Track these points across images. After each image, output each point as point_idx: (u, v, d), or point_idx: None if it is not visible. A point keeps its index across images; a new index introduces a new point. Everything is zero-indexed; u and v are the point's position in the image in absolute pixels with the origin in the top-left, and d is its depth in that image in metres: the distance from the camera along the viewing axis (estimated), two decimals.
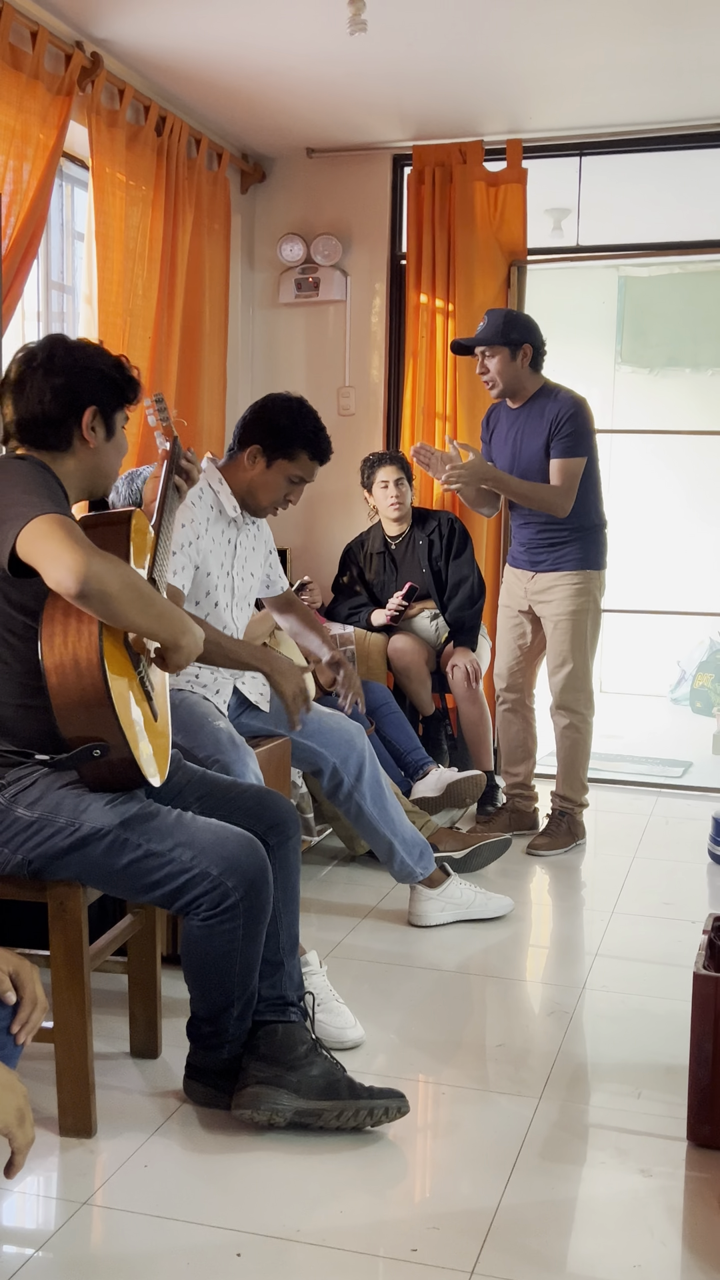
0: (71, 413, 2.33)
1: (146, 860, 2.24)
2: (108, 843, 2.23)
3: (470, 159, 5.06)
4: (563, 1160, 2.33)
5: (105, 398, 2.37)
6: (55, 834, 2.24)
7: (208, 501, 3.14)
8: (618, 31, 3.95)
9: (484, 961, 3.33)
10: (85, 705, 2.18)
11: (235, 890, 2.26)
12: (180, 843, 2.26)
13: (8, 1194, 2.19)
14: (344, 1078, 2.39)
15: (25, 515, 2.10)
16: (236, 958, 2.33)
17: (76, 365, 2.34)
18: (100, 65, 4.01)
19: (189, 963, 2.38)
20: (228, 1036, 2.41)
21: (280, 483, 3.18)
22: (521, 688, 4.46)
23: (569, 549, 4.23)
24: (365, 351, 5.45)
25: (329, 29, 3.87)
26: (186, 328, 4.80)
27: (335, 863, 4.16)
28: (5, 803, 2.26)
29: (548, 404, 4.18)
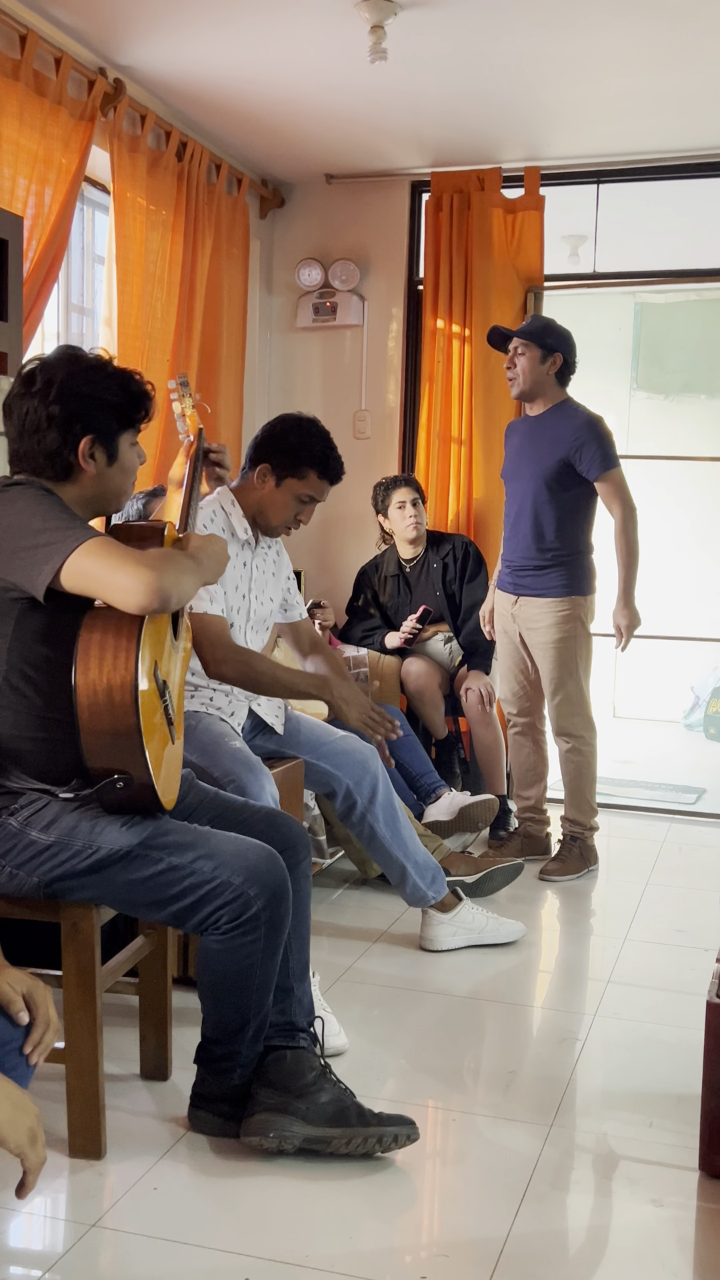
0: (68, 443, 2.26)
1: (167, 874, 2.23)
2: (127, 861, 2.22)
3: (488, 186, 5.09)
4: (574, 1189, 2.31)
5: (105, 425, 2.28)
6: (72, 857, 2.23)
7: (219, 524, 3.15)
8: (635, 61, 3.98)
9: (495, 987, 3.32)
10: (115, 736, 2.17)
11: (257, 899, 2.25)
12: (201, 855, 2.25)
13: (16, 1215, 2.18)
14: (353, 1104, 2.38)
15: (64, 543, 2.09)
16: (255, 973, 2.32)
17: (75, 393, 2.25)
18: (123, 91, 4.05)
19: (205, 980, 2.36)
20: (240, 1060, 2.39)
21: (289, 502, 3.18)
22: (530, 711, 4.45)
23: (554, 574, 4.23)
24: (381, 376, 5.48)
25: (349, 57, 3.91)
26: (205, 351, 4.83)
27: (347, 886, 4.15)
28: (19, 826, 2.25)
29: (565, 423, 4.19)
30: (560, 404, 4.26)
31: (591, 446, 4.13)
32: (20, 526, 2.15)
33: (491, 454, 5.19)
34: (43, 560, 2.10)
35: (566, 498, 4.19)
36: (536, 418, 4.27)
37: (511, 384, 4.26)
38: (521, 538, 4.26)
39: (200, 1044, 2.45)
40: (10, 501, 2.19)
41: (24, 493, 2.21)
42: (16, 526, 2.15)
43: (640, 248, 5.70)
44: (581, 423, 4.17)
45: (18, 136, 3.55)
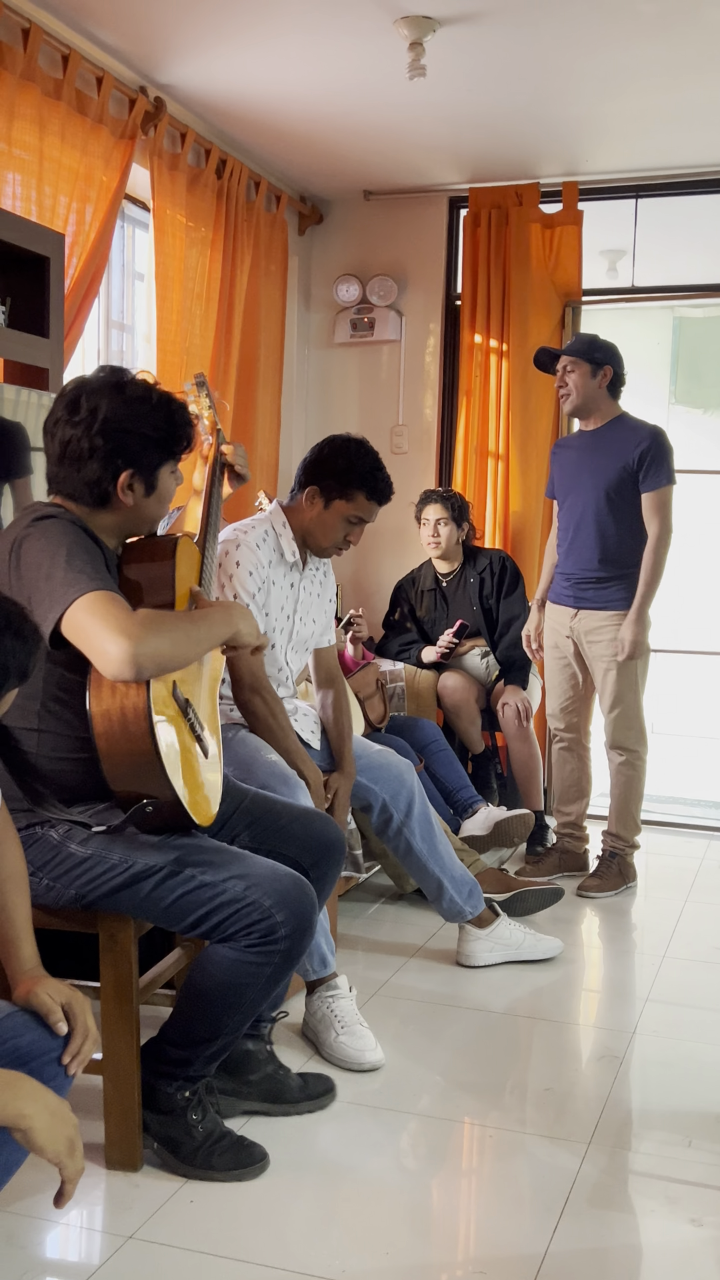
0: (108, 475, 2.26)
1: (199, 891, 2.23)
2: (160, 877, 2.23)
3: (526, 201, 5.10)
4: (611, 1208, 2.29)
5: (146, 459, 2.28)
6: (107, 871, 2.24)
7: (270, 545, 3.15)
8: (672, 75, 3.98)
9: (532, 1004, 3.30)
10: (133, 762, 2.17)
11: (284, 925, 2.24)
12: (235, 875, 2.25)
13: (53, 1226, 2.19)
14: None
15: (65, 595, 2.09)
16: (249, 993, 2.28)
17: (119, 428, 2.24)
18: (163, 110, 4.09)
19: (198, 981, 2.31)
20: (189, 1072, 2.35)
21: (338, 523, 3.18)
22: (578, 727, 4.43)
23: (616, 587, 4.21)
24: (419, 391, 5.49)
25: (388, 74, 3.93)
26: (243, 367, 4.86)
27: (383, 900, 4.14)
28: (58, 839, 2.27)
29: (628, 434, 4.19)
30: (619, 418, 4.26)
31: (657, 457, 4.15)
32: (37, 567, 2.15)
33: (529, 469, 5.19)
34: (48, 609, 2.11)
35: (629, 509, 4.18)
36: (594, 432, 4.26)
37: (564, 400, 4.25)
38: (582, 550, 4.25)
39: (152, 1041, 2.39)
40: (35, 539, 2.18)
41: (52, 527, 2.20)
42: (34, 566, 2.15)
43: (679, 262, 5.68)
44: (648, 433, 4.19)
45: (59, 155, 3.59)
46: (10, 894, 1.89)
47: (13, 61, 3.39)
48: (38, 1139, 1.51)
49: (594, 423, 4.26)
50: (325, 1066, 2.82)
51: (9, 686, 1.60)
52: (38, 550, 2.16)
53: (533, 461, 5.19)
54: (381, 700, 4.31)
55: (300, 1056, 2.87)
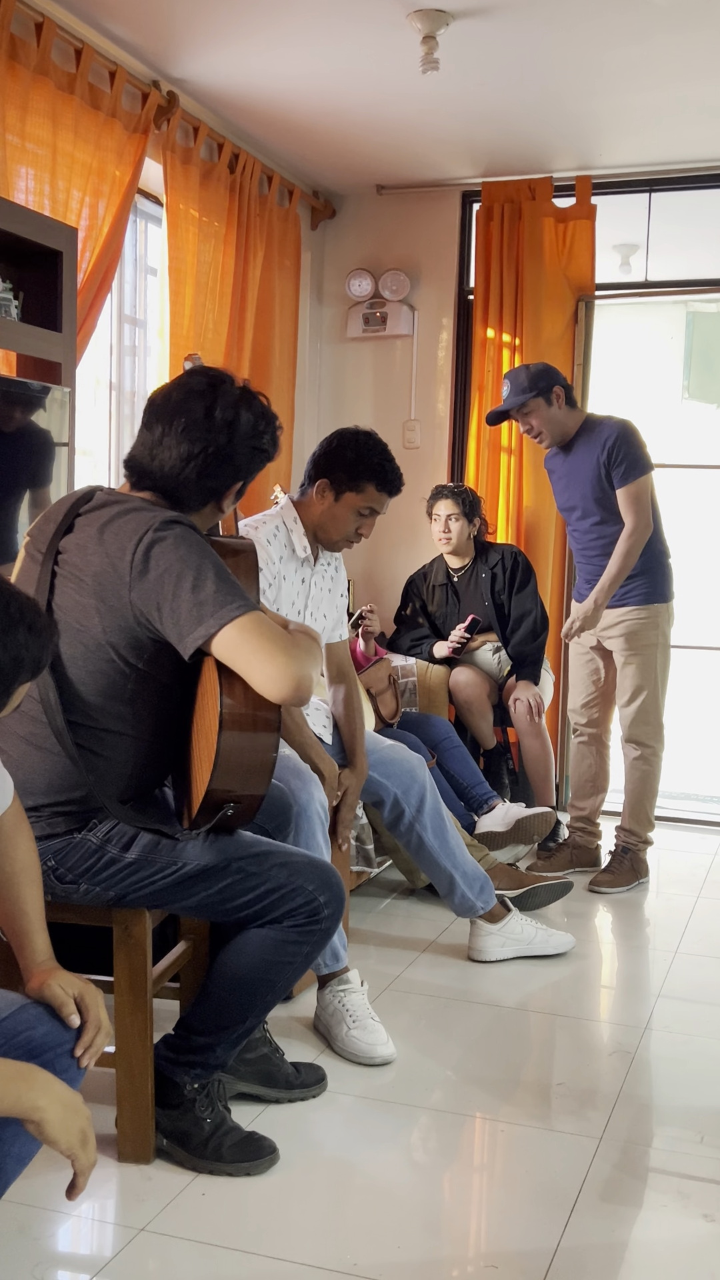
0: (226, 486, 2.30)
1: (244, 882, 2.26)
2: (211, 875, 2.25)
3: (539, 195, 5.09)
4: (623, 1202, 2.29)
5: (253, 471, 2.33)
6: (156, 873, 2.24)
7: (281, 540, 3.16)
8: (686, 69, 3.96)
9: (545, 999, 3.30)
10: (251, 767, 2.18)
11: (327, 906, 2.29)
12: (277, 863, 2.28)
13: (65, 1218, 2.19)
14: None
15: (221, 611, 2.08)
16: (285, 973, 2.32)
17: (252, 447, 2.28)
18: (176, 104, 4.09)
19: (234, 964, 2.32)
20: (212, 1059, 2.37)
21: (349, 516, 3.17)
22: (599, 722, 4.43)
23: (635, 583, 4.21)
24: (431, 386, 5.48)
25: (401, 68, 3.92)
26: (256, 361, 4.86)
27: (394, 895, 4.15)
28: (97, 843, 2.26)
29: (595, 434, 4.18)
30: (585, 421, 4.25)
31: (625, 452, 4.11)
32: (180, 577, 2.11)
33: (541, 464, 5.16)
34: (197, 622, 2.09)
35: None
36: (568, 454, 4.27)
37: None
38: (596, 556, 4.25)
39: (174, 1032, 2.41)
40: (172, 547, 2.13)
41: (184, 538, 2.15)
42: (177, 575, 2.11)
43: (692, 256, 5.66)
44: (613, 428, 4.16)
45: (72, 149, 3.59)
46: (23, 886, 1.89)
47: (26, 56, 3.39)
48: (50, 1131, 1.51)
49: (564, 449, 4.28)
50: (337, 1061, 2.82)
51: (21, 680, 1.59)
52: (178, 559, 2.12)
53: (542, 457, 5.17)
54: (393, 696, 4.30)
55: (312, 1050, 2.88)
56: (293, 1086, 2.63)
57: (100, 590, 2.16)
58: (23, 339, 3.17)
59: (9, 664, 1.56)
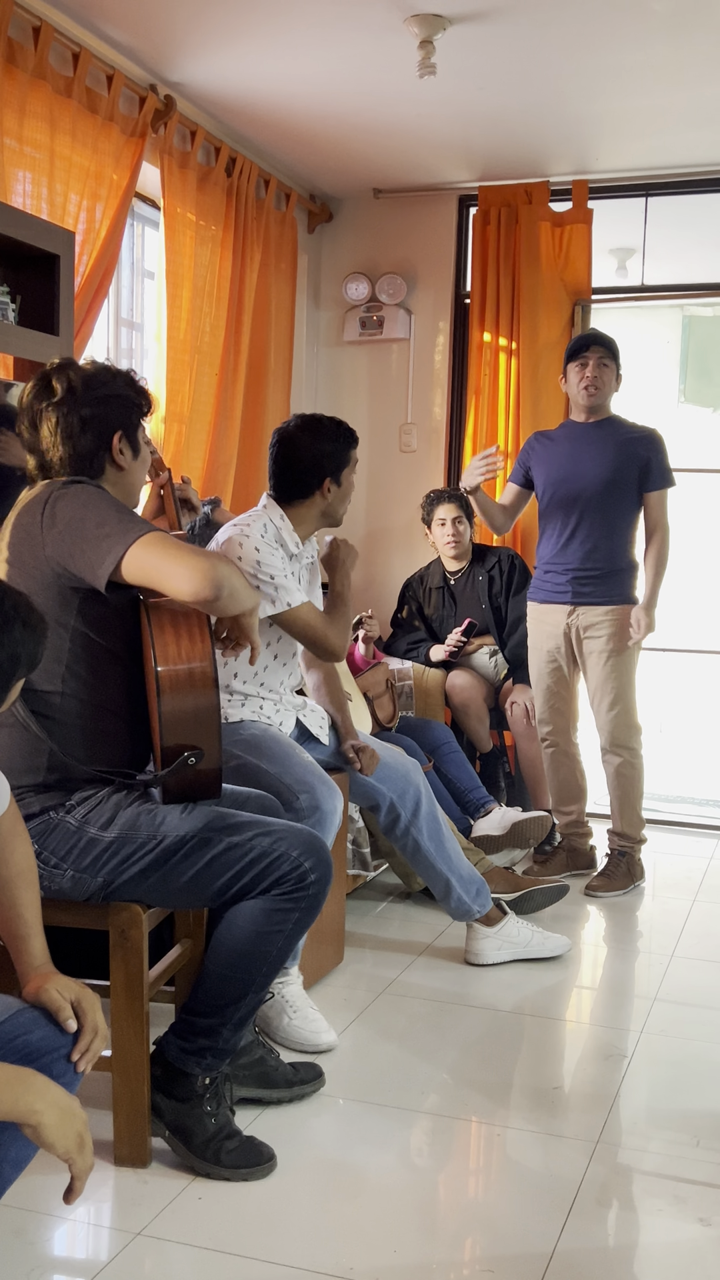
0: (102, 443, 2.38)
1: (228, 854, 2.27)
2: (191, 847, 2.26)
3: (536, 199, 5.09)
4: (619, 1207, 2.29)
5: (128, 419, 2.42)
6: (137, 850, 2.26)
7: (272, 536, 3.16)
8: (683, 73, 3.97)
9: (541, 1002, 3.30)
10: (196, 713, 2.24)
11: (313, 871, 2.30)
12: (259, 833, 2.30)
13: (61, 1222, 2.19)
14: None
15: (126, 534, 2.18)
16: (278, 941, 2.32)
17: (97, 395, 2.37)
18: (173, 108, 4.09)
19: (227, 940, 2.33)
20: (220, 1042, 2.37)
21: (350, 485, 3.27)
22: (565, 728, 4.42)
23: (615, 583, 4.22)
24: (428, 389, 5.49)
25: (398, 72, 3.93)
26: (252, 365, 4.86)
27: (391, 899, 4.15)
28: (76, 825, 2.28)
29: (629, 434, 4.22)
30: (611, 417, 4.28)
31: (661, 458, 4.20)
32: (83, 519, 2.23)
33: None
34: (105, 551, 2.18)
35: (627, 506, 4.22)
36: (586, 426, 4.26)
37: (592, 394, 4.21)
38: (583, 544, 4.23)
39: (178, 1020, 2.41)
40: (73, 496, 2.27)
41: (84, 490, 2.29)
42: (79, 519, 2.23)
43: (689, 260, 5.67)
44: (650, 434, 4.23)
45: (70, 153, 3.60)
46: (20, 890, 1.89)
47: (23, 59, 3.39)
48: (48, 1135, 1.51)
49: (593, 418, 4.28)
50: (335, 1063, 2.82)
51: (19, 675, 1.64)
52: (79, 505, 2.25)
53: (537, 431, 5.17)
54: (391, 700, 4.30)
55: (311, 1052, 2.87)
56: (291, 1084, 2.63)
57: (20, 558, 2.27)
58: (20, 342, 3.17)
59: (7, 661, 1.59)
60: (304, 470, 3.18)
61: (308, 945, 3.20)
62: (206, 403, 4.51)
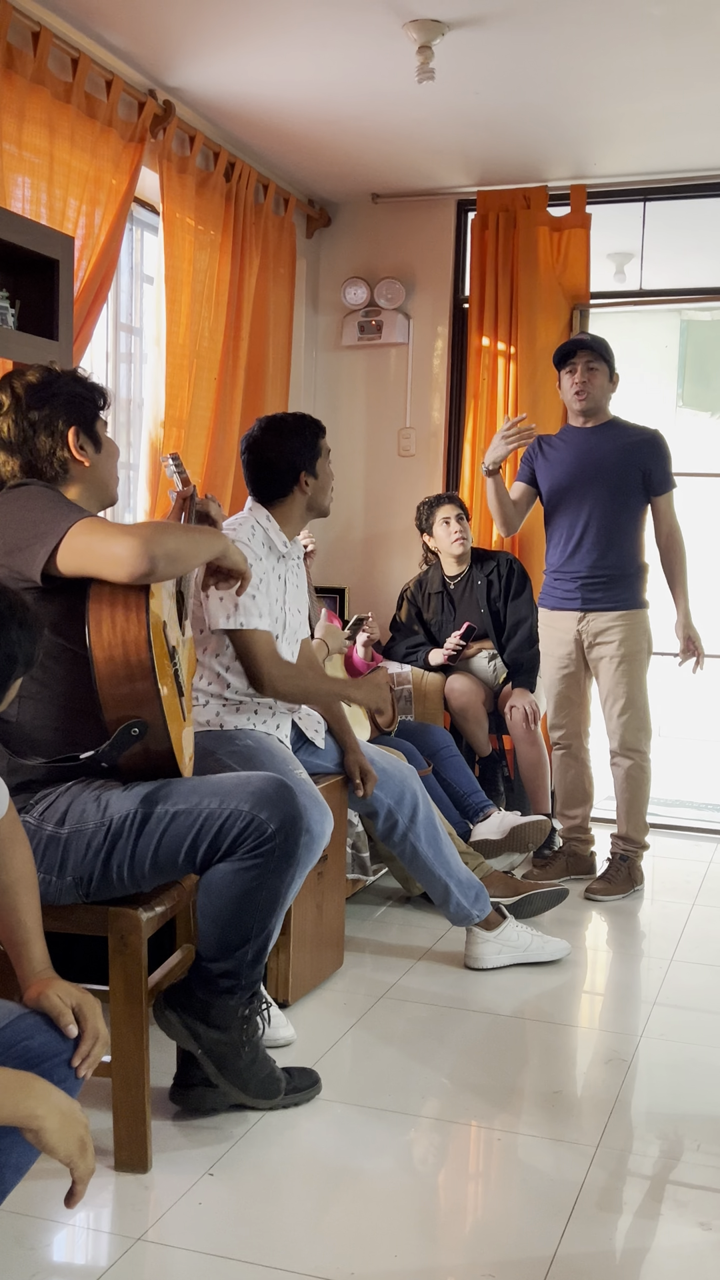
0: (58, 442, 2.39)
1: (178, 821, 2.27)
2: (137, 822, 2.26)
3: (534, 204, 5.10)
4: (620, 1211, 2.29)
5: (81, 414, 2.42)
6: (90, 839, 2.27)
7: (260, 538, 3.16)
8: (681, 78, 3.98)
9: (540, 1006, 3.30)
10: (130, 680, 2.23)
11: (270, 821, 2.28)
12: (205, 795, 2.29)
13: (61, 1227, 2.19)
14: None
15: (57, 528, 2.20)
16: (260, 893, 2.32)
17: (45, 396, 2.38)
18: (172, 113, 4.10)
19: (207, 906, 2.34)
20: (242, 979, 2.38)
21: (328, 473, 3.30)
22: (578, 732, 4.43)
23: (623, 588, 4.23)
24: (426, 394, 5.49)
25: (397, 77, 3.93)
26: (251, 369, 4.87)
27: (390, 903, 4.15)
28: (34, 824, 2.30)
29: (633, 436, 4.23)
30: (613, 420, 4.29)
31: (667, 460, 4.22)
32: (20, 519, 2.25)
33: None
34: (39, 545, 2.20)
35: (633, 509, 4.22)
36: (589, 431, 4.27)
37: (582, 398, 4.22)
38: (590, 550, 4.24)
39: (194, 965, 2.43)
40: (14, 499, 2.30)
41: (25, 490, 2.33)
42: (17, 519, 2.26)
43: (687, 265, 5.68)
44: (653, 436, 4.24)
45: (69, 158, 3.60)
46: (19, 896, 1.89)
47: (22, 65, 3.39)
48: (49, 1139, 1.51)
49: (591, 422, 4.28)
50: (331, 1068, 2.82)
51: (16, 675, 1.65)
52: (19, 505, 2.29)
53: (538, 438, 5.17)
54: (390, 705, 4.30)
55: (306, 1056, 2.87)
56: (287, 1092, 2.63)
57: None
58: (19, 347, 3.17)
59: (4, 661, 1.60)
60: (278, 470, 3.21)
61: (306, 950, 3.20)
62: (205, 407, 4.51)
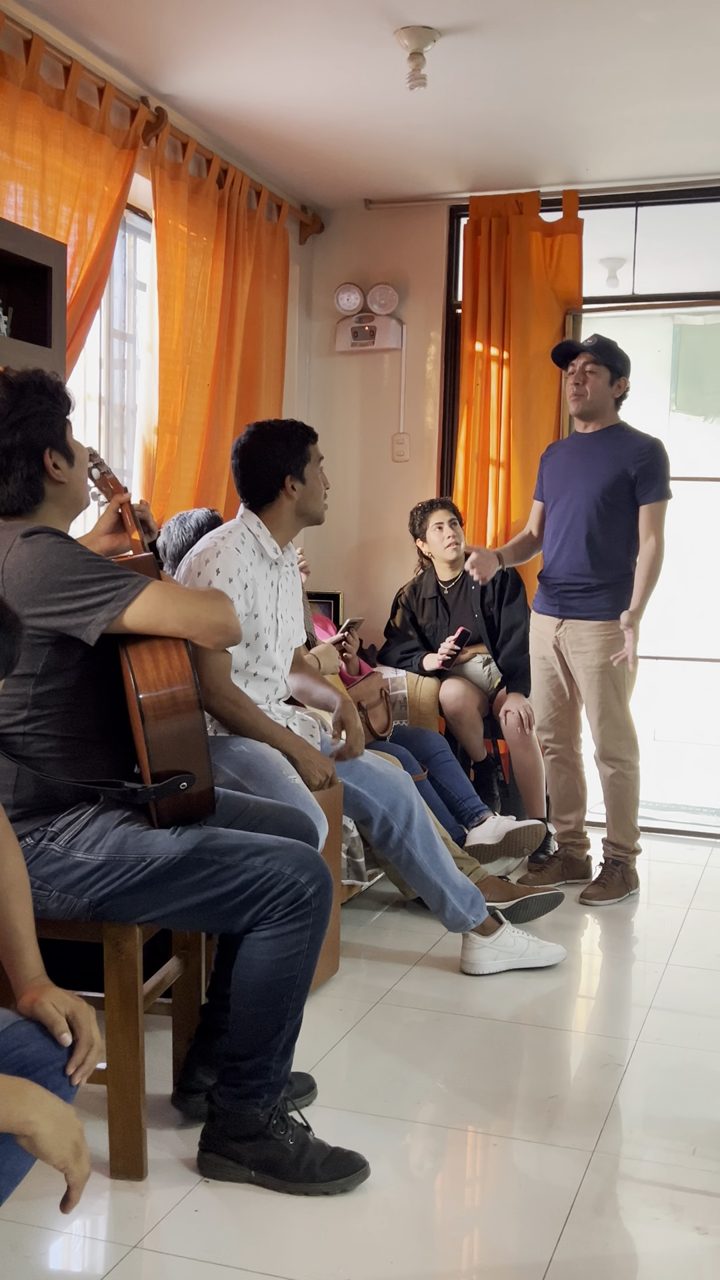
0: (35, 466, 2.33)
1: (220, 874, 2.25)
2: (180, 868, 2.24)
3: (526, 210, 5.11)
4: (616, 1216, 2.29)
5: (52, 431, 2.35)
6: (126, 872, 2.25)
7: (250, 546, 3.16)
8: (672, 84, 3.99)
9: (536, 1011, 3.30)
10: (182, 736, 2.23)
11: (309, 886, 2.28)
12: (250, 852, 2.28)
13: (57, 1235, 2.19)
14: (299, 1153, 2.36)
15: (122, 590, 2.22)
16: (300, 963, 2.31)
17: (12, 421, 2.30)
18: (164, 120, 4.10)
19: (244, 979, 2.32)
20: (270, 1077, 2.35)
21: (317, 478, 3.28)
22: (568, 737, 4.42)
23: (601, 597, 4.20)
24: (420, 399, 5.50)
25: (388, 83, 3.94)
26: (244, 375, 4.87)
27: (386, 908, 4.14)
28: (61, 850, 2.27)
29: (627, 443, 4.19)
30: (617, 425, 4.26)
31: (655, 469, 4.14)
32: (57, 570, 2.21)
33: (529, 477, 5.18)
34: (96, 607, 2.20)
35: (620, 517, 4.17)
36: (589, 436, 4.26)
37: (576, 400, 4.20)
38: (570, 556, 4.23)
39: (223, 1070, 2.39)
40: (37, 555, 2.24)
41: (46, 539, 2.26)
42: (55, 569, 2.22)
43: (679, 270, 5.69)
44: (648, 444, 4.18)
45: (61, 165, 3.60)
46: (12, 902, 1.89)
47: (15, 72, 3.40)
48: (44, 1145, 1.51)
49: (592, 426, 4.26)
50: (326, 1073, 2.82)
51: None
52: (49, 563, 2.23)
53: (533, 470, 5.16)
54: (385, 710, 4.31)
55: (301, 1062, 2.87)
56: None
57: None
58: (12, 354, 3.17)
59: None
60: (264, 474, 3.21)
61: None
62: (199, 413, 4.51)
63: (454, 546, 4.85)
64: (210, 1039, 2.60)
